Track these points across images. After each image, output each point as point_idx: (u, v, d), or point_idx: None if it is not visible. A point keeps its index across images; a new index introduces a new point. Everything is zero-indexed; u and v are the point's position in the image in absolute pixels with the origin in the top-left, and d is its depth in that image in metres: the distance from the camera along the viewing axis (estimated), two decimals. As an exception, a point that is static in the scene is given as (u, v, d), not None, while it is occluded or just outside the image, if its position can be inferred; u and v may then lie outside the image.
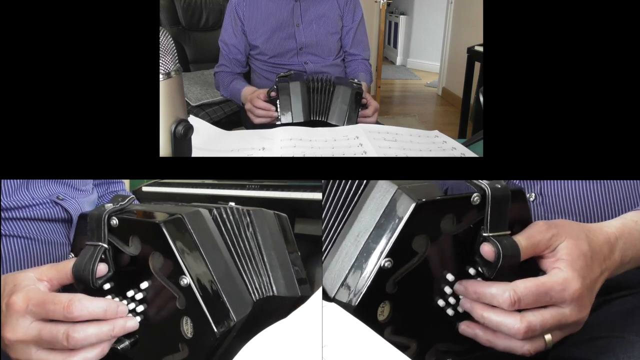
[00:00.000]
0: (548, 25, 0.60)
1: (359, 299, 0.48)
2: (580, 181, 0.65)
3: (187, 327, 0.51)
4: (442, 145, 0.95)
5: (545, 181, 0.66)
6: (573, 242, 0.49)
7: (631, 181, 0.65)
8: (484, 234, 0.49)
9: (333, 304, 0.49)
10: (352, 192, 0.54)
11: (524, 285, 0.47)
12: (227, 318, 0.52)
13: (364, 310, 0.48)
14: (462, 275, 0.51)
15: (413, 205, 0.47)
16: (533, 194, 0.66)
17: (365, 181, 0.53)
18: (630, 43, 0.59)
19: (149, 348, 0.54)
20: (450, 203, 0.49)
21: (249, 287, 0.58)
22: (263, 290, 0.60)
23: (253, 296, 0.57)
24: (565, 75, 0.60)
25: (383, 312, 0.49)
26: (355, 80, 1.18)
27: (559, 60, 0.60)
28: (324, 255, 0.54)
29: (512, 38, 0.60)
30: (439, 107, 3.95)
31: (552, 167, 0.61)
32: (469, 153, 0.91)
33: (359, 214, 0.51)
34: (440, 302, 0.51)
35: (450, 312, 0.51)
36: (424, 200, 0.47)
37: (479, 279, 0.50)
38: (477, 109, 2.20)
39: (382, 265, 0.47)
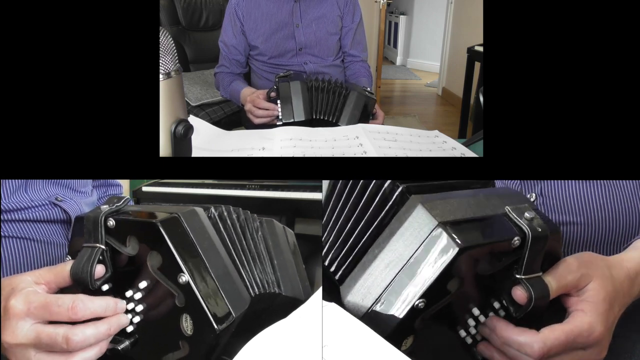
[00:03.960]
0: (548, 25, 0.60)
1: (387, 334, 0.46)
2: (580, 181, 0.65)
3: (187, 325, 0.52)
4: (442, 145, 0.95)
5: (545, 181, 0.66)
6: (600, 282, 0.49)
7: (631, 181, 0.65)
8: (517, 276, 0.48)
9: (333, 304, 0.49)
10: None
11: (554, 336, 0.46)
12: (226, 314, 0.52)
13: (388, 342, 0.47)
14: (487, 307, 0.50)
15: (456, 250, 0.44)
16: (534, 194, 0.66)
17: (400, 189, 0.51)
18: (630, 43, 0.59)
19: (149, 347, 0.54)
20: (490, 247, 0.47)
21: (248, 283, 0.58)
22: (266, 286, 0.61)
23: (251, 291, 0.58)
24: (565, 75, 0.60)
25: (406, 343, 0.48)
26: (368, 89, 1.19)
27: (559, 60, 0.60)
28: (345, 263, 0.53)
29: (512, 38, 0.60)
30: (439, 107, 3.94)
31: (552, 167, 0.61)
32: (469, 153, 0.91)
33: (392, 240, 0.49)
34: (462, 333, 0.50)
35: (469, 340, 0.51)
36: (465, 246, 0.45)
37: (501, 311, 0.50)
38: (477, 109, 2.20)
39: (414, 305, 0.46)
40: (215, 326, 0.51)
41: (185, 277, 0.51)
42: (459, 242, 0.44)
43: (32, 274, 0.52)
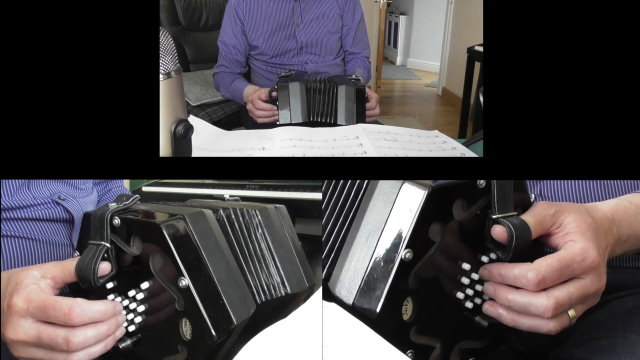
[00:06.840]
0: (548, 25, 0.60)
1: (384, 296, 0.47)
2: (580, 182, 0.65)
3: (186, 329, 0.51)
4: (442, 145, 0.95)
5: (545, 182, 0.66)
6: (577, 215, 0.50)
7: (631, 181, 0.65)
8: (493, 217, 0.49)
9: (333, 304, 0.49)
10: (353, 192, 0.54)
11: (546, 263, 0.47)
12: (227, 321, 0.51)
13: (389, 309, 0.47)
14: (476, 265, 0.51)
15: (425, 192, 0.47)
16: (533, 195, 0.65)
17: (366, 181, 0.52)
18: (630, 43, 0.59)
19: (149, 348, 0.54)
20: (458, 188, 0.49)
21: (254, 289, 0.57)
22: (272, 291, 0.60)
23: (258, 298, 0.57)
24: (565, 75, 0.60)
25: (407, 310, 0.48)
26: (353, 76, 1.18)
27: (559, 60, 0.60)
28: (327, 262, 0.53)
29: (512, 38, 0.60)
30: (439, 107, 3.95)
31: (552, 167, 0.61)
32: (469, 153, 0.91)
33: (364, 216, 0.50)
34: (459, 295, 0.51)
35: (469, 304, 0.51)
36: (434, 186, 0.47)
37: None
38: (477, 109, 2.20)
39: (403, 257, 0.47)
40: (214, 333, 0.50)
41: (185, 281, 0.50)
42: (426, 185, 0.47)
43: (39, 268, 0.52)
